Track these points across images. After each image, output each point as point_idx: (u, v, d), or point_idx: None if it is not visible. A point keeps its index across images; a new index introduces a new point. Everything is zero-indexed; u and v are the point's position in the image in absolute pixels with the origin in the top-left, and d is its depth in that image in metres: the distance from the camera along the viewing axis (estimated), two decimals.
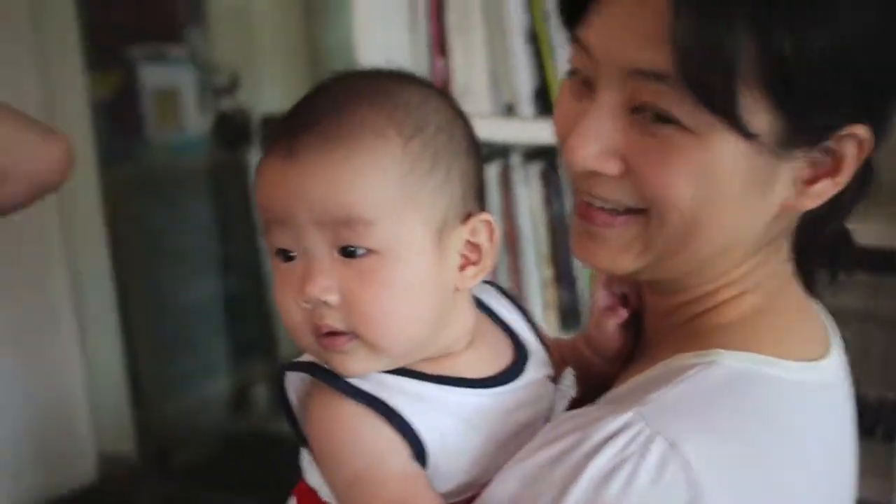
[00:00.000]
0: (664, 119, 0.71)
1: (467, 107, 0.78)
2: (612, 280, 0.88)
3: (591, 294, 0.90)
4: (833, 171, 0.74)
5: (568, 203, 1.83)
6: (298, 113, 0.75)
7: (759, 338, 0.77)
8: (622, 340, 0.88)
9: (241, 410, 3.38)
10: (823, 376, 0.79)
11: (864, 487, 1.49)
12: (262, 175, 0.75)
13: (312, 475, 0.81)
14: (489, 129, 1.87)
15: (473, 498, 0.76)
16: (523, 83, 1.87)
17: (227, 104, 3.17)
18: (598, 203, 0.77)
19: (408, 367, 0.76)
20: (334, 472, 0.75)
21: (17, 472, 3.17)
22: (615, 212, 0.76)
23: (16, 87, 3.07)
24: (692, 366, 0.75)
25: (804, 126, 0.71)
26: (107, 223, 3.19)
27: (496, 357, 0.81)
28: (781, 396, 0.75)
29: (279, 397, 0.81)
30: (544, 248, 1.94)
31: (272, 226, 0.74)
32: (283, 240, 0.74)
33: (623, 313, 0.87)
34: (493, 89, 1.92)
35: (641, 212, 0.75)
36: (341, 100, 0.74)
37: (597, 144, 0.73)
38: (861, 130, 0.72)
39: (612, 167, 0.74)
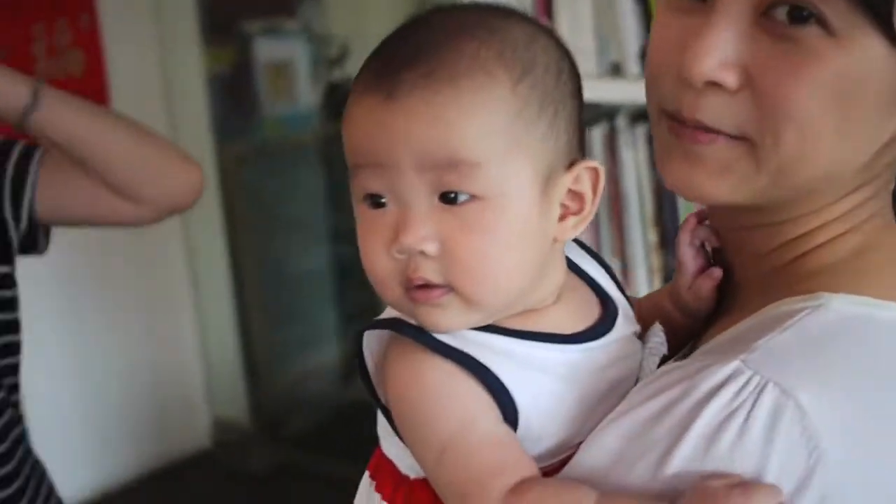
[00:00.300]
0: (802, 18, 0.65)
1: None
2: (694, 232, 0.82)
3: (676, 249, 0.83)
4: None
5: None
6: (396, 49, 0.70)
7: (868, 279, 0.71)
8: (715, 299, 0.82)
9: (351, 378, 3.42)
10: None
11: None
12: (357, 116, 0.69)
13: (390, 445, 0.76)
14: (595, 90, 1.84)
15: (566, 461, 0.71)
16: (630, 43, 1.83)
17: (337, 75, 3.21)
18: (694, 119, 0.70)
19: (496, 324, 0.71)
20: (421, 439, 0.69)
21: (137, 438, 3.28)
22: (715, 130, 0.70)
23: (135, 64, 3.17)
24: (799, 310, 0.68)
25: None
26: (221, 196, 3.26)
27: (585, 312, 0.76)
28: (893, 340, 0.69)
29: (356, 360, 0.75)
30: (649, 212, 1.90)
31: (363, 169, 0.69)
32: (374, 184, 0.68)
33: (718, 273, 0.81)
34: (599, 49, 1.88)
35: (745, 141, 0.69)
36: (445, 35, 0.69)
37: (720, 53, 0.67)
38: None
39: (732, 79, 0.67)
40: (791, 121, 0.67)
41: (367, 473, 0.80)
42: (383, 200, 0.69)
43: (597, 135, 1.91)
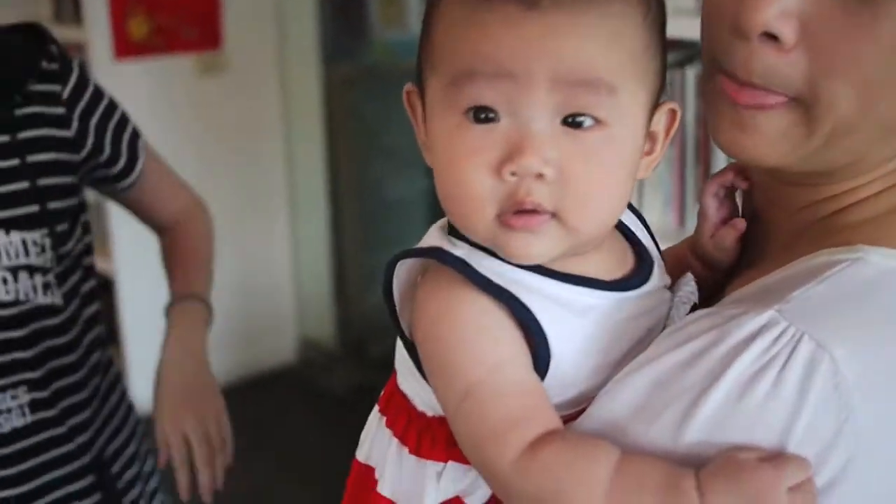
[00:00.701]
0: None
1: (672, 3, 0.71)
2: (721, 182, 0.79)
3: (700, 197, 0.81)
4: None
5: None
6: None
7: None
8: (739, 250, 0.79)
9: None
10: None
11: None
12: (484, 17, 0.63)
13: (409, 379, 0.73)
14: (694, 28, 1.77)
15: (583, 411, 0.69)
16: None
17: None
18: (748, 78, 0.66)
19: (544, 266, 0.67)
20: (445, 379, 0.66)
21: (224, 348, 3.36)
22: (772, 94, 0.66)
23: None
24: (837, 262, 0.65)
25: None
26: (325, 117, 3.28)
27: (622, 261, 0.73)
28: None
29: (385, 288, 0.72)
30: None
31: (479, 77, 0.63)
32: (490, 96, 0.63)
33: (741, 224, 0.77)
34: None
35: (799, 102, 0.65)
36: None
37: (782, 2, 0.63)
38: None
39: (790, 31, 0.63)
40: (848, 82, 0.63)
41: (376, 408, 0.78)
42: (493, 115, 0.64)
43: (691, 75, 1.86)
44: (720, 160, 1.86)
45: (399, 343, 0.73)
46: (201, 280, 1.48)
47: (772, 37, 0.63)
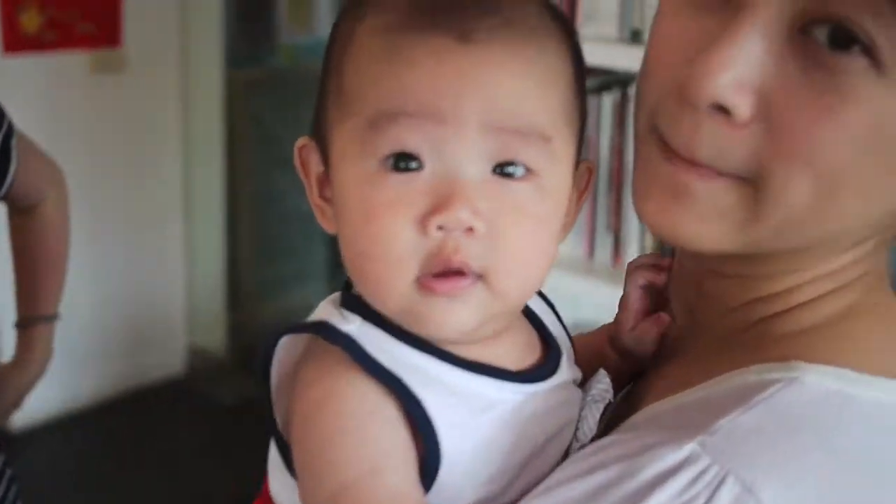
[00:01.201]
0: (846, 43, 0.53)
1: (592, 30, 0.70)
2: (648, 277, 0.72)
3: (625, 286, 0.74)
4: None
5: None
6: None
7: (849, 348, 0.60)
8: (659, 345, 0.71)
9: None
10: None
11: None
12: (409, 52, 0.57)
13: (276, 477, 0.65)
14: (612, 56, 1.78)
15: None
16: (653, 9, 1.78)
17: None
18: (690, 155, 0.58)
19: (438, 345, 0.59)
20: (316, 472, 0.57)
21: (111, 356, 3.26)
22: (714, 169, 0.57)
23: None
24: (769, 383, 0.57)
25: None
26: (225, 121, 3.21)
27: (529, 349, 0.65)
28: (881, 427, 0.58)
29: (263, 367, 0.62)
30: None
31: (403, 119, 0.56)
32: (415, 141, 0.56)
33: (666, 319, 0.69)
34: (620, 14, 1.82)
35: (747, 183, 0.57)
36: None
37: (738, 71, 0.54)
38: None
39: (745, 106, 0.55)
40: (810, 168, 0.55)
41: None
42: (415, 164, 0.56)
43: (607, 102, 1.86)
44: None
45: (273, 438, 0.64)
46: (52, 289, 1.47)
47: (723, 109, 0.55)
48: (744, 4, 0.54)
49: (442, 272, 0.56)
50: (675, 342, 0.69)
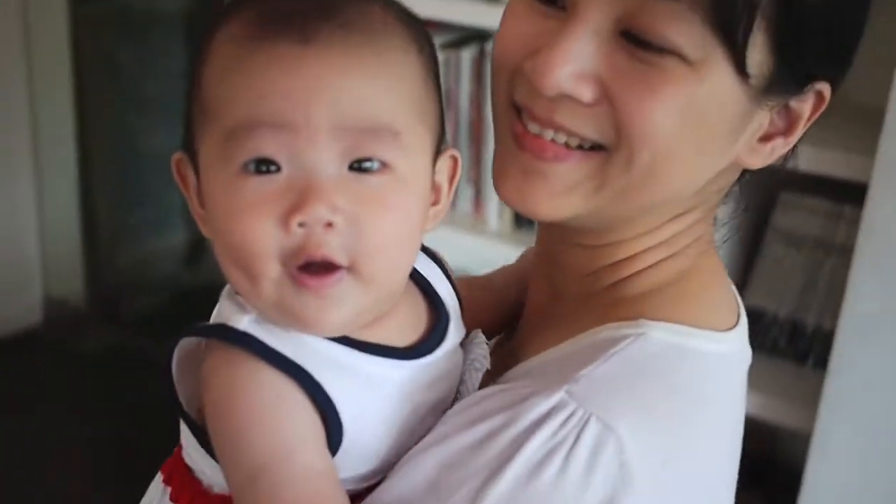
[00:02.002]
0: (656, 47, 0.64)
1: None
2: None
3: None
4: (787, 132, 0.71)
5: None
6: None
7: (684, 306, 0.73)
8: (529, 311, 0.82)
9: (194, 264, 3.36)
10: (737, 346, 0.75)
11: (790, 415, 1.52)
12: (255, 61, 0.60)
13: (194, 453, 0.70)
14: (468, 13, 1.81)
15: (375, 486, 0.67)
16: None
17: None
18: (550, 135, 0.68)
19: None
20: (233, 458, 0.62)
21: None
22: (567, 146, 0.68)
23: None
24: (622, 338, 0.69)
25: (789, 73, 0.67)
26: (73, 63, 3.10)
27: (415, 321, 0.71)
28: (708, 371, 0.71)
29: (164, 366, 0.68)
30: None
31: (258, 129, 0.60)
32: (271, 147, 0.60)
33: None
34: None
35: (600, 150, 0.68)
36: None
37: (575, 64, 0.65)
38: (825, 88, 0.70)
39: (587, 92, 0.65)
40: (646, 139, 0.65)
41: (160, 476, 0.74)
42: (274, 168, 0.60)
43: (466, 57, 1.88)
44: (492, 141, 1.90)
45: (182, 419, 0.69)
46: None
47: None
48: (574, 12, 0.65)
49: (306, 264, 0.60)
50: (541, 308, 0.80)
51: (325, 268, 0.61)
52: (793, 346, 1.67)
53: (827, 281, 1.53)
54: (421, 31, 0.67)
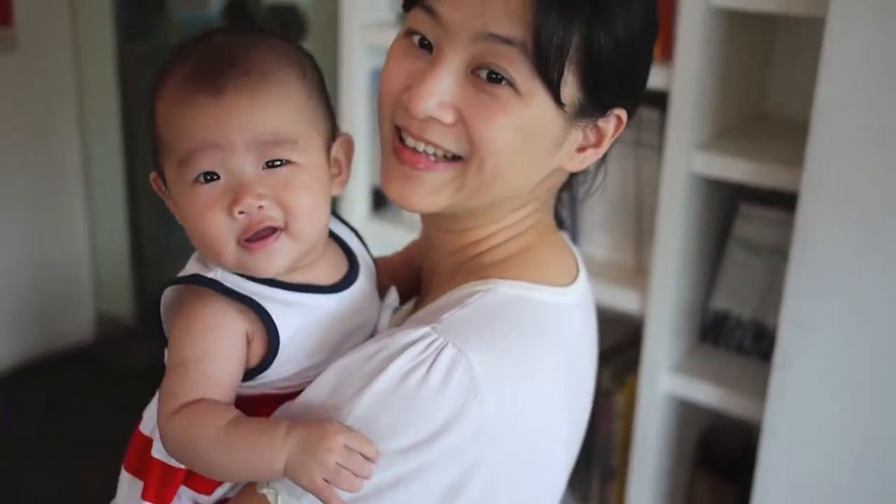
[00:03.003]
0: (498, 80, 0.86)
1: None
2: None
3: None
4: (597, 144, 0.95)
5: None
6: (207, 55, 0.87)
7: (527, 269, 0.95)
8: (422, 281, 1.07)
9: None
10: (575, 298, 0.99)
11: (760, 411, 1.61)
12: (188, 110, 0.85)
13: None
14: None
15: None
16: None
17: None
18: (421, 148, 0.90)
19: (277, 280, 0.90)
20: (174, 350, 0.88)
21: (20, 326, 3.34)
22: (435, 157, 0.90)
23: None
24: (475, 292, 0.91)
25: (593, 103, 0.90)
26: (120, 93, 3.28)
27: (338, 268, 0.97)
28: (546, 315, 0.94)
29: (153, 310, 0.94)
30: None
31: (199, 153, 0.85)
32: (209, 163, 0.85)
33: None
34: None
35: (459, 160, 0.90)
36: (243, 46, 0.88)
37: (439, 96, 0.87)
38: (622, 113, 0.94)
39: (448, 116, 0.88)
40: (490, 150, 0.88)
41: (158, 392, 0.94)
42: (216, 176, 0.86)
43: None
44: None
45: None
46: None
47: (435, 119, 0.88)
48: (438, 56, 0.88)
49: (253, 236, 0.86)
50: (427, 279, 1.05)
51: (268, 233, 0.87)
52: (758, 345, 1.78)
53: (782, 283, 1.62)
54: (304, 58, 0.92)
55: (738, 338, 1.80)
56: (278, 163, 0.87)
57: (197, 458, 0.85)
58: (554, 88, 0.86)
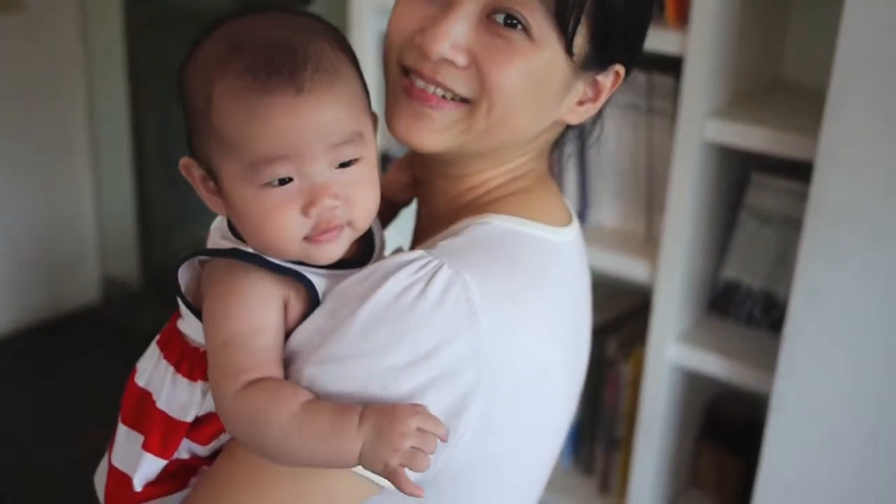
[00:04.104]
0: (513, 24, 0.88)
1: None
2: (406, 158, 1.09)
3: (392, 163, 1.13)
4: (594, 98, 0.98)
5: None
6: (266, 50, 0.83)
7: (522, 208, 0.97)
8: (418, 223, 1.09)
9: None
10: (569, 237, 1.01)
11: (767, 382, 1.60)
12: (264, 110, 0.82)
13: (189, 324, 0.94)
14: None
15: None
16: None
17: None
18: (432, 90, 0.91)
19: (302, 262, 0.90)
20: (218, 327, 0.86)
21: (26, 288, 3.36)
22: (445, 98, 0.91)
23: None
24: (472, 225, 0.94)
25: (599, 56, 0.93)
26: (127, 54, 3.27)
27: (357, 244, 0.95)
28: (539, 249, 0.95)
29: (172, 277, 0.92)
30: None
31: (276, 162, 0.83)
32: (286, 170, 0.83)
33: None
34: None
35: (468, 102, 0.91)
36: (297, 37, 0.85)
37: (453, 38, 0.89)
38: (621, 69, 0.97)
39: (461, 59, 0.89)
40: (501, 94, 0.90)
41: (155, 345, 0.98)
42: (288, 180, 0.84)
43: None
44: None
45: (182, 304, 0.95)
46: None
47: (448, 61, 0.89)
48: (453, 2, 0.89)
49: (324, 231, 0.86)
50: (423, 223, 1.06)
51: (336, 227, 0.86)
52: (767, 316, 1.77)
53: (795, 255, 1.60)
54: (346, 42, 0.90)
55: (747, 308, 1.78)
56: (349, 161, 0.86)
57: (267, 441, 0.83)
58: (568, 37, 0.89)
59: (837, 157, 1.38)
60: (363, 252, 0.96)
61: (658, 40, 1.61)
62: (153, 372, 0.96)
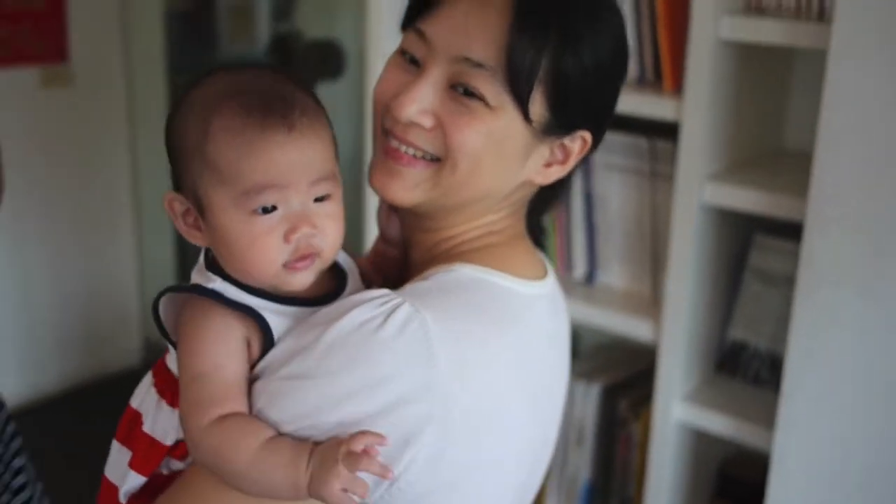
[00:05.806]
0: (472, 95, 0.97)
1: None
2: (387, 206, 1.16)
3: (378, 209, 1.18)
4: (563, 161, 1.05)
5: None
6: (260, 96, 0.92)
7: (491, 260, 1.04)
8: (401, 272, 1.14)
9: None
10: (540, 291, 1.07)
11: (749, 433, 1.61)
12: (261, 145, 0.91)
13: (173, 361, 1.02)
14: None
15: None
16: None
17: (282, 27, 3.33)
18: (403, 149, 1.01)
19: (269, 292, 0.97)
20: (189, 363, 0.94)
21: (70, 351, 3.44)
22: (416, 157, 1.01)
23: None
24: (439, 271, 1.01)
25: (559, 122, 1.00)
26: None
27: (327, 281, 1.03)
28: (504, 299, 1.01)
29: (153, 310, 1.00)
30: None
31: (267, 190, 0.91)
32: (275, 199, 0.92)
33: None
34: None
35: (437, 161, 1.00)
36: (283, 85, 0.95)
37: (421, 104, 0.99)
38: (587, 135, 1.04)
39: (427, 121, 0.99)
40: (464, 153, 0.99)
41: (150, 374, 1.06)
42: (273, 209, 0.92)
43: None
44: None
45: (168, 342, 1.02)
46: None
47: (416, 124, 0.99)
48: (423, 70, 0.99)
49: (300, 257, 0.94)
50: (407, 275, 1.11)
51: (309, 256, 0.94)
52: (774, 375, 1.78)
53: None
54: (318, 99, 0.98)
55: (754, 368, 1.80)
56: (324, 197, 0.95)
57: (231, 473, 0.90)
58: (522, 104, 0.97)
59: (826, 216, 1.41)
60: (337, 291, 1.03)
61: (655, 106, 1.66)
62: (144, 397, 1.04)
